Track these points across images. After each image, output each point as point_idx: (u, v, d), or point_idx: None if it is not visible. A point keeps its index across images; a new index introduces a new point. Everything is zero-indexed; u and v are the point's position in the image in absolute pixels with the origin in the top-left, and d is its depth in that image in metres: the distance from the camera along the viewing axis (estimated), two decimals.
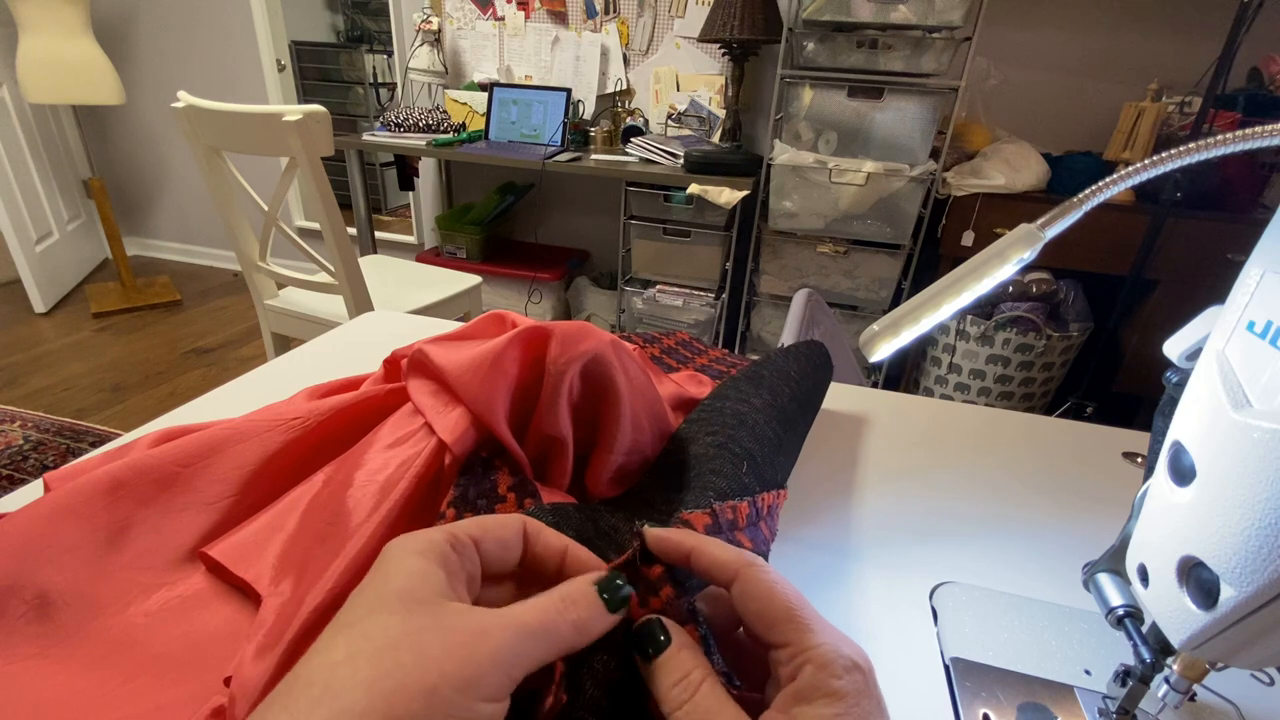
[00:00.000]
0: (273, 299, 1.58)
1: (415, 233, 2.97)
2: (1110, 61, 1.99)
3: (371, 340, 0.71)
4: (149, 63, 2.95)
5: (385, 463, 0.35)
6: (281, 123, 1.19)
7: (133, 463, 0.35)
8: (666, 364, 0.59)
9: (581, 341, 0.36)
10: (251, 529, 0.35)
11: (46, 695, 0.27)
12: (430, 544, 0.21)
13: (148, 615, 0.31)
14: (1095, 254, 1.82)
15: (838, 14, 1.79)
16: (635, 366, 0.40)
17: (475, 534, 0.22)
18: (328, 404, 0.41)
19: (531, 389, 0.38)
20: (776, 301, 2.16)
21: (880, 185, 1.85)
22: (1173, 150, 0.31)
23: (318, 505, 0.36)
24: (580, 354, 0.36)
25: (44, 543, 0.31)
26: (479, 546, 0.22)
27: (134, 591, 0.32)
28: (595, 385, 0.38)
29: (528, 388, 0.38)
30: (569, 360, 0.36)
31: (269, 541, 0.35)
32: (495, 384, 0.36)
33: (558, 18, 2.38)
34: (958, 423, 0.61)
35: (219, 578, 0.34)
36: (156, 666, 0.29)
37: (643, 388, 0.40)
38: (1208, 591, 0.23)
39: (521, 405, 0.38)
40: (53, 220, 2.81)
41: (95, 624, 0.30)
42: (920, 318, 0.44)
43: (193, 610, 0.32)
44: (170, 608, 0.32)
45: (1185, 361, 0.32)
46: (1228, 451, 0.22)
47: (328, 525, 0.33)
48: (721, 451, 0.37)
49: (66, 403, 2.03)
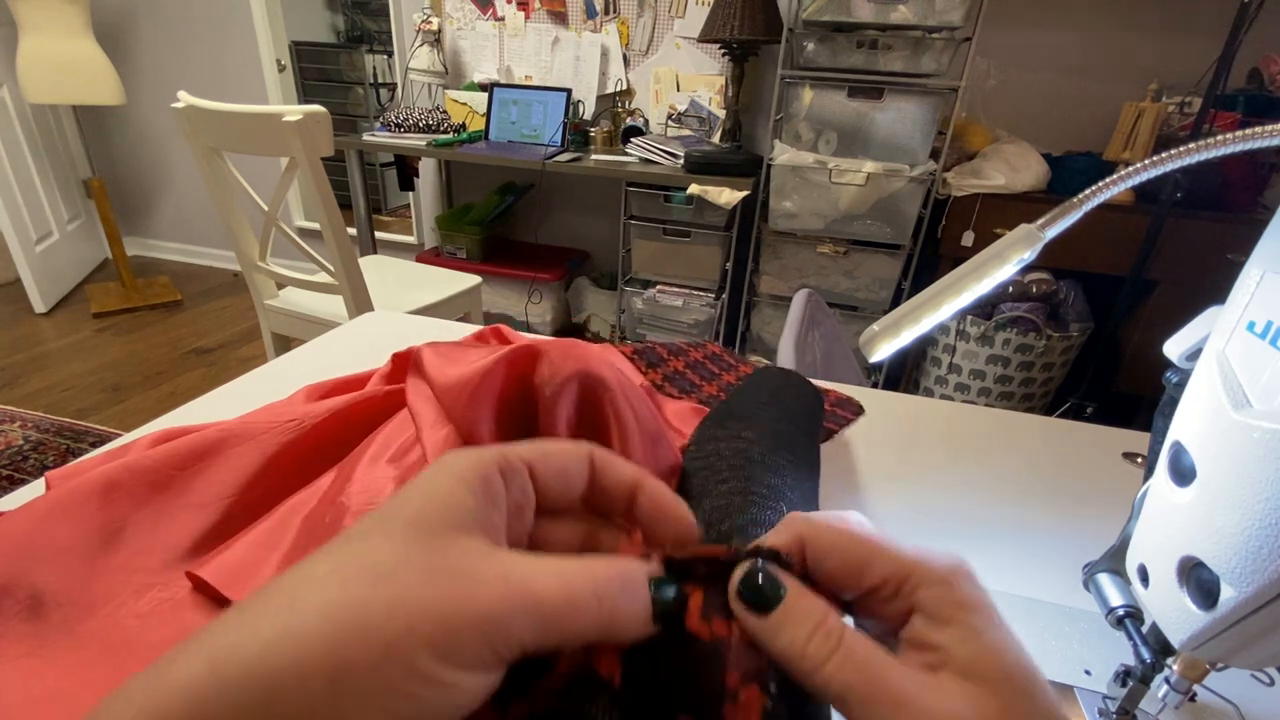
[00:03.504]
0: (273, 299, 1.58)
1: (415, 233, 2.97)
2: (1110, 61, 1.99)
3: (371, 340, 0.71)
4: (149, 63, 2.95)
5: (383, 486, 0.35)
6: (281, 123, 1.19)
7: (128, 464, 0.35)
8: (668, 393, 0.55)
9: (570, 361, 0.35)
10: (243, 546, 0.34)
11: (34, 695, 0.26)
12: (474, 466, 0.18)
13: (138, 617, 0.31)
14: (1095, 254, 1.82)
15: (838, 14, 1.79)
16: (636, 392, 0.38)
17: (531, 459, 0.19)
18: (325, 406, 0.41)
19: (522, 410, 0.36)
20: (776, 302, 2.16)
21: (880, 185, 1.85)
22: (1173, 150, 0.31)
23: (314, 523, 0.35)
24: (569, 375, 0.34)
25: (38, 542, 0.31)
26: (534, 473, 0.19)
27: (126, 593, 0.32)
28: (594, 410, 0.36)
29: (517, 409, 0.36)
30: (561, 381, 0.34)
31: (263, 562, 0.33)
32: (478, 410, 0.35)
33: (558, 18, 2.38)
34: (957, 423, 0.60)
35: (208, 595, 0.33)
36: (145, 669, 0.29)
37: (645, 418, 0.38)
38: (1208, 592, 0.23)
39: (515, 427, 0.36)
40: (53, 220, 2.81)
41: (86, 625, 0.30)
42: (920, 318, 0.44)
43: (184, 612, 0.32)
44: (161, 610, 0.32)
45: (1185, 362, 0.32)
46: (1228, 452, 0.22)
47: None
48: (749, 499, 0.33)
49: (66, 403, 2.03)
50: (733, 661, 0.18)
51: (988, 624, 0.17)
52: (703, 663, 0.18)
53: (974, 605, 0.17)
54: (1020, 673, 0.16)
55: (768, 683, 0.17)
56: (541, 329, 2.56)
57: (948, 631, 0.17)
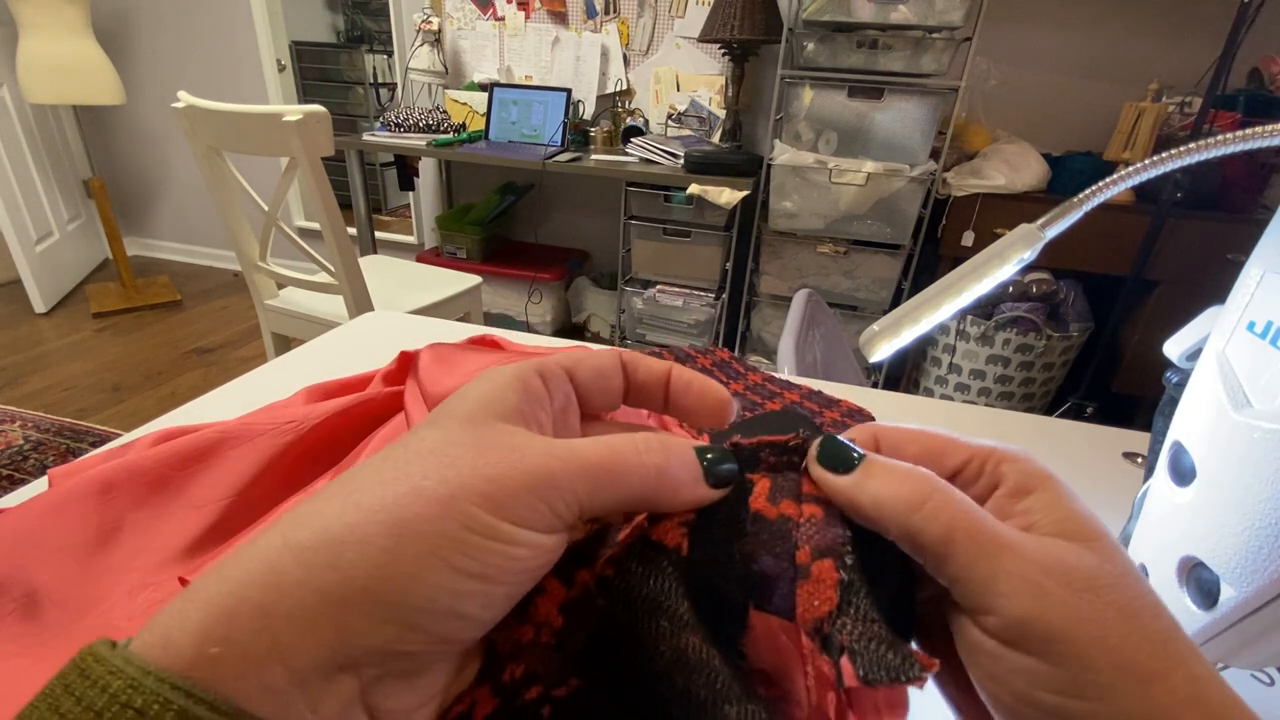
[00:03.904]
0: (273, 299, 1.58)
1: (415, 233, 2.97)
2: (1110, 61, 1.99)
3: (371, 340, 0.71)
4: (149, 63, 2.95)
5: None
6: (282, 123, 1.19)
7: (126, 464, 0.35)
8: None
9: None
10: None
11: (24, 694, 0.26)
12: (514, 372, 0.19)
13: (130, 619, 0.31)
14: (1095, 254, 1.82)
15: (838, 14, 1.79)
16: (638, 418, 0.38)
17: (567, 363, 0.20)
18: (323, 408, 0.41)
19: None
20: (776, 302, 2.15)
21: (880, 185, 1.85)
22: (1173, 150, 0.31)
23: None
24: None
25: (36, 541, 0.31)
26: (573, 374, 0.20)
27: (119, 592, 0.32)
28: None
29: None
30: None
31: None
32: None
33: (558, 18, 2.38)
34: (958, 423, 0.60)
35: None
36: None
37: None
38: (1208, 591, 0.23)
39: None
40: (53, 220, 2.81)
41: (80, 624, 0.30)
42: (920, 318, 0.44)
43: None
44: (153, 611, 0.31)
45: (1185, 362, 0.32)
46: (1228, 452, 0.22)
47: None
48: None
49: (66, 403, 2.03)
50: (803, 537, 0.17)
51: (1069, 491, 0.17)
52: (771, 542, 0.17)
53: (1052, 476, 0.18)
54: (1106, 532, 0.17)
55: (843, 556, 0.17)
56: (541, 329, 2.56)
57: (1032, 499, 0.17)
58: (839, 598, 0.16)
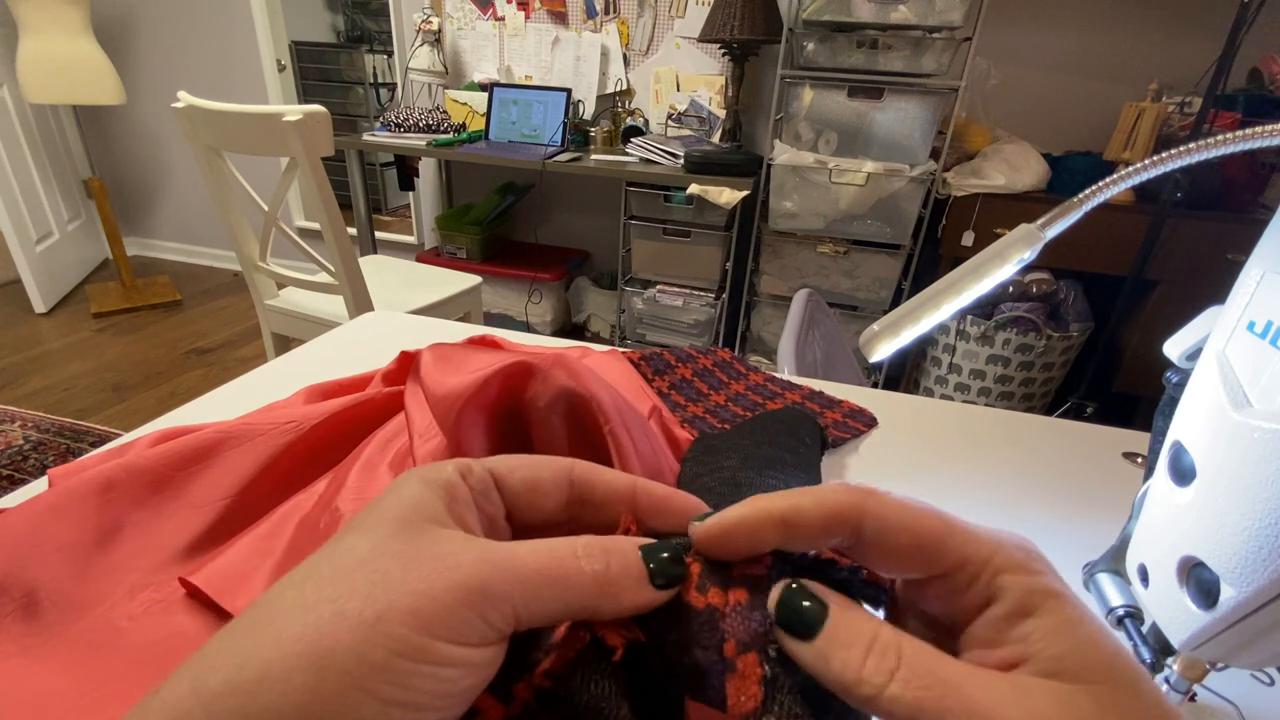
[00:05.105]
0: (273, 299, 1.58)
1: (415, 233, 2.97)
2: (1110, 61, 1.99)
3: (371, 340, 0.71)
4: (149, 63, 2.95)
5: (376, 491, 0.34)
6: (281, 123, 1.19)
7: (126, 464, 0.35)
8: (674, 401, 0.54)
9: (559, 378, 0.34)
10: (236, 552, 0.34)
11: (23, 694, 0.26)
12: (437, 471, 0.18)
13: (130, 619, 0.31)
14: (1095, 254, 1.82)
15: (838, 14, 1.79)
16: (637, 421, 0.37)
17: (497, 469, 0.19)
18: (323, 408, 0.41)
19: (516, 425, 0.36)
20: (776, 302, 2.16)
21: (880, 185, 1.85)
22: (1173, 150, 0.31)
23: (309, 528, 0.35)
24: (558, 391, 0.34)
25: (36, 541, 0.31)
26: (500, 484, 0.19)
27: (119, 593, 0.32)
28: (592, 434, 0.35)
29: (510, 424, 0.36)
30: (550, 397, 0.34)
31: (256, 569, 0.33)
32: (469, 423, 0.34)
33: (558, 18, 2.38)
34: (958, 423, 0.60)
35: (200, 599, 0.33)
36: (135, 671, 0.29)
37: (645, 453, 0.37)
38: (1208, 591, 0.23)
39: (508, 442, 0.36)
40: (53, 220, 2.81)
41: (79, 625, 0.30)
42: (920, 318, 0.44)
43: (175, 614, 0.32)
44: (153, 611, 0.32)
45: (1185, 362, 0.32)
46: (1228, 452, 0.22)
47: None
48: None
49: (67, 403, 2.03)
50: (729, 629, 0.17)
51: (1080, 614, 0.15)
52: (700, 634, 0.17)
53: (1062, 594, 0.15)
54: (1122, 664, 0.14)
55: (767, 649, 0.16)
56: (541, 329, 2.56)
57: (1033, 623, 0.15)
58: (763, 694, 0.16)
